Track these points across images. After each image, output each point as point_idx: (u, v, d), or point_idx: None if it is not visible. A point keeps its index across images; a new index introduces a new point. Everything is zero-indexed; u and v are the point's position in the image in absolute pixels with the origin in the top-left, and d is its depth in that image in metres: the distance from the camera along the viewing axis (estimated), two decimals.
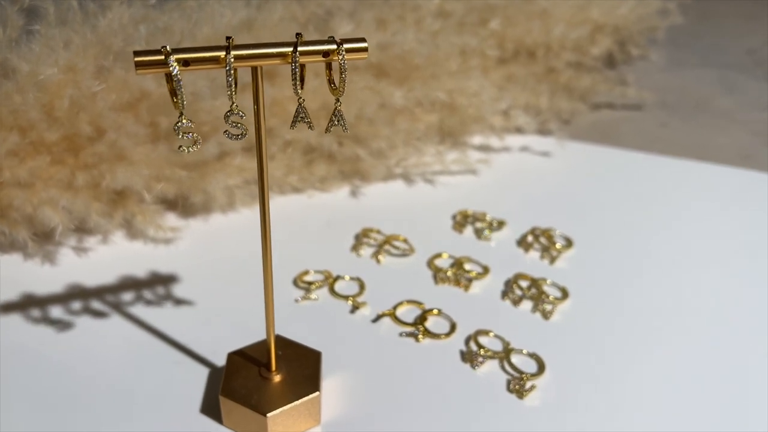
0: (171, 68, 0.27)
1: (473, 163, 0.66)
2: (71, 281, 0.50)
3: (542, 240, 0.56)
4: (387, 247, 0.55)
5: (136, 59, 0.27)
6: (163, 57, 0.28)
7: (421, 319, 0.47)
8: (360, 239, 0.56)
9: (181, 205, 0.57)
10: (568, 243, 0.56)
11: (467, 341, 0.46)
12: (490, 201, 0.62)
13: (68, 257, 0.53)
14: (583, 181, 0.66)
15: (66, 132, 0.50)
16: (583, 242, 0.56)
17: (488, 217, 0.58)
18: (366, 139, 0.61)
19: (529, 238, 0.56)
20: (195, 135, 0.29)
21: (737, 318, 0.48)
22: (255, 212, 0.59)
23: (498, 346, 0.45)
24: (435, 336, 0.46)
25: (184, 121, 0.29)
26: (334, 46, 0.30)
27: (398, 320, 0.47)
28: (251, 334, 0.43)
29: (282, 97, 0.57)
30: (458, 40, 0.62)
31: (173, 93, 0.29)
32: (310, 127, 0.31)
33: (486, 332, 0.46)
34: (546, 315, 0.48)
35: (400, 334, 0.46)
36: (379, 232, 0.56)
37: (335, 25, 0.58)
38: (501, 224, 0.58)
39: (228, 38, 0.29)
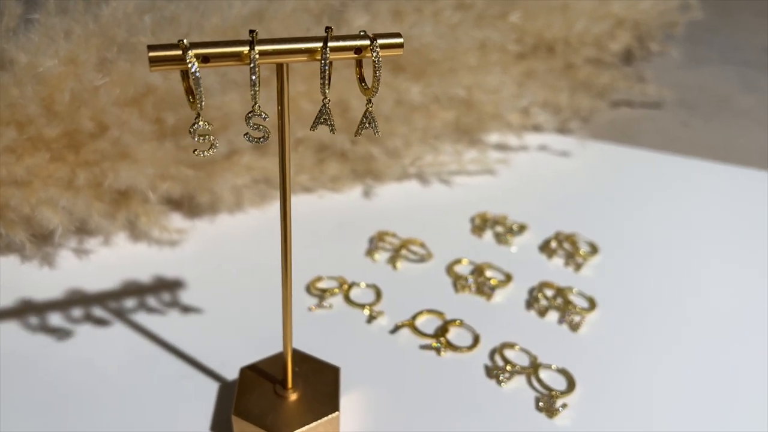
0: (189, 65, 0.25)
1: (491, 162, 0.63)
2: (71, 286, 0.47)
3: (566, 246, 0.53)
4: (403, 251, 0.52)
5: (151, 54, 0.25)
6: (180, 52, 0.25)
7: (443, 330, 0.45)
8: (375, 243, 0.53)
9: (187, 205, 0.54)
10: (593, 249, 0.53)
11: (492, 355, 0.43)
12: (509, 203, 0.59)
13: (68, 260, 0.50)
14: (605, 183, 0.63)
15: (66, 128, 0.47)
16: (608, 248, 0.53)
17: (509, 221, 0.56)
18: (381, 138, 0.58)
19: (553, 244, 0.53)
20: (212, 138, 0.27)
21: None
22: (264, 213, 0.56)
23: (525, 361, 0.43)
24: (457, 349, 0.43)
25: (201, 123, 0.26)
26: (368, 42, 0.27)
27: (418, 331, 0.45)
28: (263, 344, 0.41)
29: (294, 93, 0.54)
30: (479, 34, 0.59)
31: (190, 92, 0.26)
32: (332, 130, 0.29)
33: (511, 345, 0.44)
34: (574, 327, 0.46)
35: (421, 347, 0.44)
36: (394, 235, 0.54)
37: (350, 17, 0.55)
38: (522, 228, 0.55)
39: (251, 32, 0.26)
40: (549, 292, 0.49)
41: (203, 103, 0.25)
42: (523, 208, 0.58)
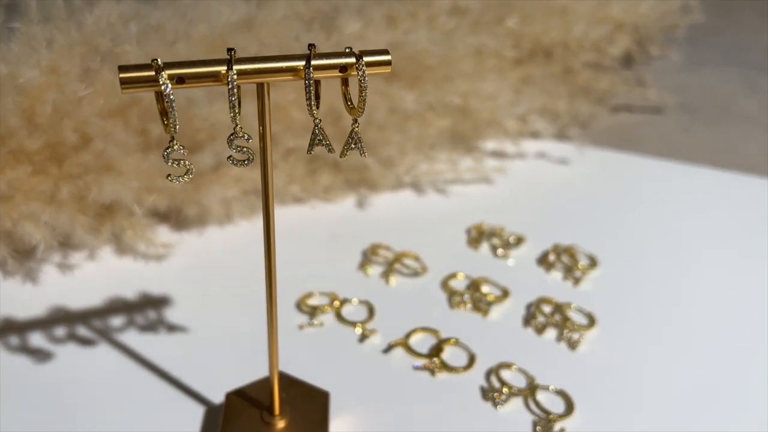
0: (162, 86, 0.23)
1: (487, 171, 0.62)
2: (54, 303, 0.46)
3: (564, 258, 0.52)
4: (397, 265, 0.51)
5: (122, 76, 0.23)
6: (153, 73, 0.23)
7: (437, 349, 0.43)
8: (368, 256, 0.52)
9: (174, 218, 0.53)
10: (592, 262, 0.52)
11: (488, 375, 0.42)
12: (505, 213, 0.58)
13: (51, 275, 0.48)
14: (604, 192, 0.62)
15: (48, 140, 0.46)
16: (608, 260, 0.52)
17: (505, 233, 0.54)
18: (375, 146, 0.56)
19: (551, 257, 0.52)
20: (187, 163, 0.25)
21: None
22: (253, 224, 0.55)
23: (522, 382, 0.41)
24: (452, 369, 0.42)
25: (175, 146, 0.25)
26: (353, 60, 0.26)
27: (411, 351, 0.43)
28: (253, 365, 0.40)
29: (285, 102, 0.52)
30: (474, 40, 0.57)
31: (164, 113, 0.25)
32: (329, 150, 0.27)
33: (508, 365, 0.42)
34: (572, 345, 0.44)
35: (415, 367, 0.42)
36: (388, 248, 0.52)
37: (342, 23, 0.54)
38: (519, 240, 0.54)
39: (229, 50, 0.24)
40: (547, 308, 0.47)
41: (177, 127, 0.24)
42: (520, 218, 0.57)
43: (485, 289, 0.49)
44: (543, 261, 0.52)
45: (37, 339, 0.43)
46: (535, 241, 0.54)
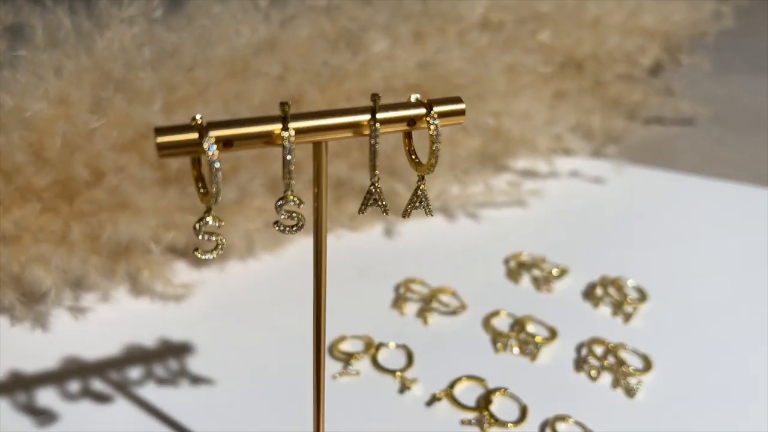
0: (209, 153, 0.20)
1: (521, 193, 0.58)
2: (66, 352, 0.42)
3: (612, 292, 0.48)
4: (434, 303, 0.47)
5: (159, 140, 0.20)
6: (196, 135, 0.20)
7: (485, 401, 0.40)
8: (401, 293, 0.48)
9: (193, 254, 0.49)
10: (642, 295, 0.48)
11: (542, 429, 0.38)
12: (543, 239, 0.54)
13: (63, 320, 0.45)
14: (644, 213, 0.58)
15: (58, 176, 0.42)
16: (657, 292, 0.49)
17: (546, 264, 0.51)
18: (403, 172, 0.53)
19: (598, 291, 0.48)
20: (220, 238, 0.22)
21: None
22: (276, 257, 0.51)
23: None
24: (503, 424, 0.39)
25: (209, 219, 0.21)
26: (423, 111, 0.22)
27: (457, 403, 0.40)
28: (285, 420, 0.36)
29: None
30: (508, 57, 0.54)
31: (200, 179, 0.21)
32: (384, 212, 0.24)
33: (564, 418, 0.39)
34: (630, 392, 0.41)
35: (462, 422, 0.39)
36: (422, 283, 0.49)
37: (369, 42, 0.50)
38: (563, 272, 0.50)
39: (283, 104, 0.21)
40: (599, 350, 0.44)
41: (219, 198, 0.20)
42: (558, 245, 0.53)
43: (531, 328, 0.45)
44: (590, 295, 0.48)
45: (46, 395, 0.40)
46: (579, 272, 0.50)
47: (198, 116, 0.20)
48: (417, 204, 0.24)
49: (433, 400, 0.40)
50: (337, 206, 0.53)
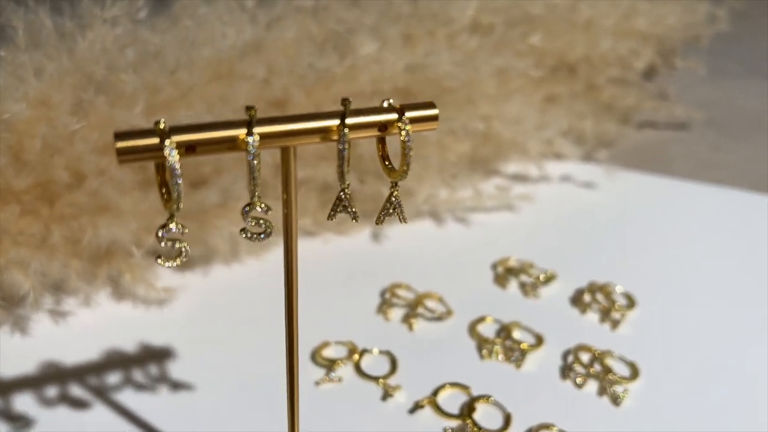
0: (169, 158, 0.19)
1: (511, 198, 0.58)
2: (46, 357, 0.42)
3: (600, 298, 0.48)
4: (419, 308, 0.47)
5: (118, 145, 0.19)
6: (157, 140, 0.19)
7: (469, 409, 0.39)
8: (387, 298, 0.48)
9: None
10: (630, 302, 0.48)
11: None
12: (532, 244, 0.54)
13: (43, 324, 0.44)
14: (635, 218, 0.58)
15: (38, 178, 0.42)
16: (646, 298, 0.48)
17: (534, 269, 0.50)
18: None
19: (586, 297, 0.48)
20: (184, 246, 0.21)
21: None
22: (261, 261, 0.51)
23: None
24: None
25: (173, 225, 0.20)
26: (395, 116, 0.21)
27: (441, 411, 0.39)
28: (268, 425, 0.35)
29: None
30: (498, 61, 0.53)
31: (164, 185, 0.20)
32: (354, 219, 0.23)
33: (548, 427, 0.38)
34: (616, 400, 0.40)
35: (445, 430, 0.38)
36: (408, 288, 0.48)
37: (357, 44, 0.50)
38: (550, 278, 0.50)
39: (249, 108, 0.20)
40: (585, 357, 0.43)
41: (181, 204, 0.20)
42: (547, 250, 0.53)
43: (517, 335, 0.45)
44: (577, 301, 0.48)
45: (23, 400, 0.39)
46: (567, 278, 0.50)
47: (162, 120, 0.20)
48: (390, 210, 0.23)
49: (416, 407, 0.39)
50: (324, 210, 0.52)
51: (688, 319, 0.47)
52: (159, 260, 0.21)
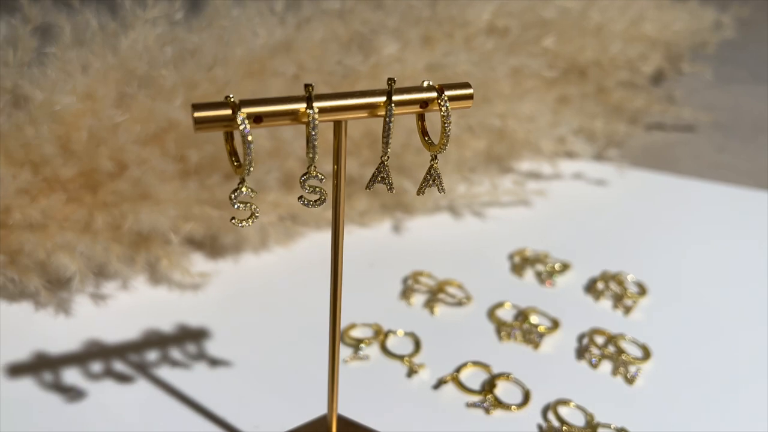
0: (241, 126, 0.22)
1: (526, 193, 0.60)
2: (88, 336, 0.44)
3: (613, 286, 0.50)
4: (440, 294, 0.49)
5: (196, 114, 0.22)
6: (229, 111, 0.22)
7: (490, 385, 0.41)
8: (409, 285, 0.50)
9: (210, 246, 0.51)
10: (642, 290, 0.50)
11: (545, 413, 0.40)
12: (546, 237, 0.56)
13: (85, 306, 0.47)
14: (645, 214, 0.60)
15: (83, 167, 0.45)
16: (657, 287, 0.50)
17: (550, 259, 0.53)
18: (412, 170, 0.55)
19: (600, 285, 0.50)
20: (254, 207, 0.24)
21: None
22: (289, 251, 0.53)
23: (580, 420, 0.40)
24: (507, 407, 0.40)
25: (244, 189, 0.23)
26: (434, 94, 0.24)
27: (463, 387, 0.41)
28: (301, 402, 0.38)
29: (322, 126, 0.51)
30: (514, 61, 0.56)
31: (233, 153, 0.23)
32: (390, 189, 0.26)
33: (565, 402, 0.41)
34: (630, 380, 0.42)
35: (468, 404, 0.40)
36: (429, 276, 0.51)
37: (380, 45, 0.53)
38: (565, 267, 0.52)
39: (307, 86, 0.23)
40: (600, 340, 0.45)
41: (251, 169, 0.22)
42: (562, 243, 0.55)
43: (534, 319, 0.47)
44: (591, 289, 0.50)
45: (70, 375, 0.41)
46: (581, 268, 0.52)
47: (231, 95, 0.22)
48: (430, 181, 0.26)
49: (440, 383, 0.42)
50: (347, 203, 0.55)
51: (696, 306, 0.49)
52: (233, 221, 0.24)
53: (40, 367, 0.42)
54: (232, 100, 0.22)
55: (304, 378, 0.41)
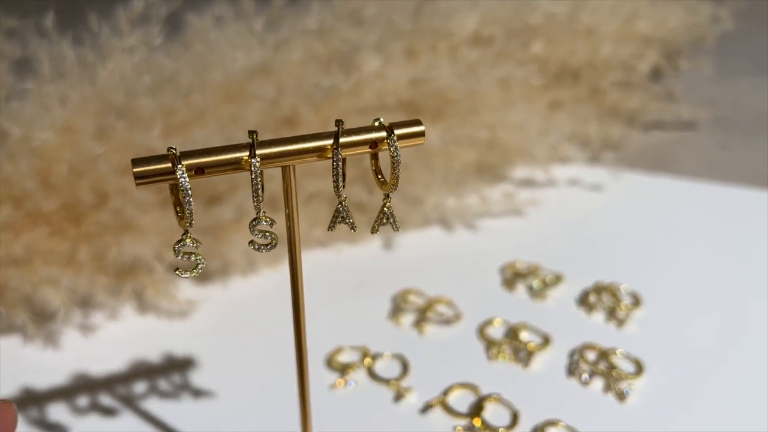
0: (180, 180, 0.21)
1: (518, 203, 0.59)
2: (77, 369, 0.44)
3: (605, 298, 0.49)
4: (430, 313, 0.48)
5: (135, 170, 0.21)
6: (169, 164, 0.22)
7: (477, 408, 0.41)
8: (398, 304, 0.49)
9: None
10: (636, 300, 0.49)
11: None
12: (539, 248, 0.55)
13: (73, 338, 0.47)
14: (642, 219, 0.59)
15: (65, 200, 0.45)
16: (652, 297, 0.49)
17: (541, 272, 0.52)
18: (400, 185, 0.54)
19: (592, 298, 0.49)
20: (199, 258, 0.23)
21: None
22: (278, 273, 0.53)
23: None
24: (495, 430, 0.40)
25: (188, 241, 0.23)
26: (384, 134, 0.23)
27: (450, 410, 0.41)
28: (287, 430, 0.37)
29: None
30: (500, 71, 0.55)
31: (178, 204, 0.23)
32: (352, 228, 0.25)
33: (554, 423, 0.40)
34: (621, 397, 0.42)
35: (455, 429, 0.40)
36: (419, 293, 0.50)
37: (361, 61, 0.52)
38: (557, 279, 0.51)
39: (251, 133, 0.22)
40: (591, 355, 0.44)
41: (193, 221, 0.22)
42: (555, 253, 0.54)
43: (524, 336, 0.46)
44: (583, 301, 0.49)
45: (58, 410, 0.42)
46: (574, 279, 0.51)
47: (174, 147, 0.22)
48: (383, 220, 0.25)
49: (427, 407, 0.41)
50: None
51: (694, 317, 0.48)
52: (177, 272, 0.23)
53: (27, 402, 0.42)
54: (173, 152, 0.22)
55: (293, 405, 0.41)
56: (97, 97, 0.45)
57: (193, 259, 0.23)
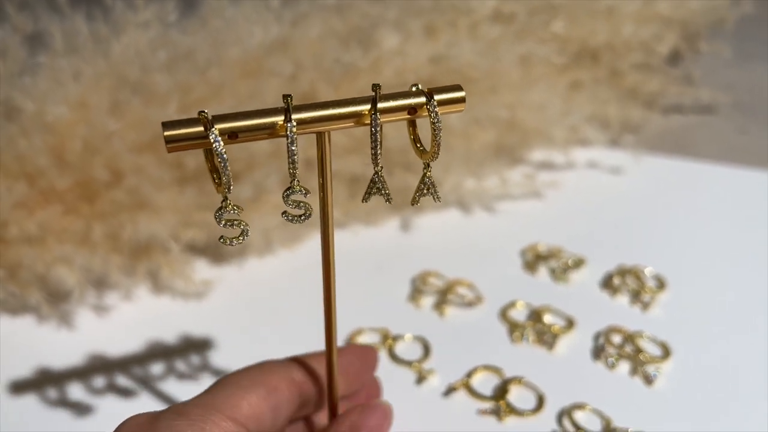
0: (214, 144, 0.20)
1: (537, 185, 0.58)
2: (92, 349, 0.44)
3: (630, 281, 0.48)
4: (450, 295, 0.47)
5: (166, 134, 0.20)
6: (201, 128, 0.20)
7: (502, 390, 0.40)
8: (418, 286, 0.48)
9: (212, 252, 0.50)
10: (660, 283, 0.48)
11: (559, 418, 0.39)
12: (560, 230, 0.54)
13: (87, 318, 0.46)
14: (662, 202, 0.58)
15: (79, 178, 0.44)
16: (676, 280, 0.48)
17: (563, 254, 0.51)
18: (418, 167, 0.53)
19: (616, 281, 0.48)
20: (243, 224, 0.22)
21: None
22: (294, 253, 0.52)
23: (597, 425, 0.38)
24: (520, 413, 0.39)
25: (228, 207, 0.22)
26: (423, 99, 0.22)
27: (474, 393, 0.40)
28: None
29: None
30: (521, 49, 0.54)
31: (214, 171, 0.22)
32: (388, 200, 0.24)
33: (581, 406, 0.39)
34: (648, 380, 0.41)
35: (479, 411, 0.39)
36: (439, 275, 0.49)
37: (380, 38, 0.51)
38: (580, 262, 0.50)
39: (286, 97, 0.21)
40: (616, 339, 0.44)
41: (231, 186, 0.21)
42: (576, 236, 0.53)
43: (548, 319, 0.45)
44: (607, 284, 0.48)
45: (75, 390, 0.41)
46: (596, 262, 0.50)
47: (205, 111, 0.21)
48: (425, 191, 0.24)
49: (450, 390, 0.40)
50: (352, 202, 0.53)
51: (718, 299, 0.47)
52: (221, 240, 0.23)
53: (44, 382, 0.41)
54: (204, 115, 0.21)
55: None
56: (111, 71, 0.44)
57: (237, 225, 0.22)
